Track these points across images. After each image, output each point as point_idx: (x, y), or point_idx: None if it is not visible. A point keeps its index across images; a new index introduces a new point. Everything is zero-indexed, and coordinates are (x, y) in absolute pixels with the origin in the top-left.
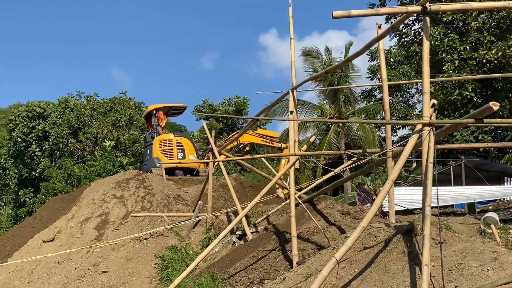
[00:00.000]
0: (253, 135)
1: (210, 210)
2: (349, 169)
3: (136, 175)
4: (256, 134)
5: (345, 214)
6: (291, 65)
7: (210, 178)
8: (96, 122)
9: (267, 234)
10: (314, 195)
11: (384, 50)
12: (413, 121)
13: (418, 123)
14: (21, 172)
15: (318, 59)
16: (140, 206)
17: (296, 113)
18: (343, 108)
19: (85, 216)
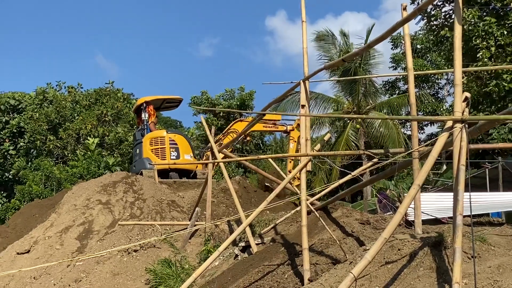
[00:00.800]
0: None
1: (209, 218)
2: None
3: (124, 177)
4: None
5: (364, 223)
6: (303, 52)
7: (209, 181)
8: (79, 116)
9: (275, 246)
10: (329, 201)
11: (409, 35)
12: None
13: (448, 119)
14: None
15: (333, 45)
16: (129, 213)
17: (308, 107)
18: (362, 101)
19: (66, 224)
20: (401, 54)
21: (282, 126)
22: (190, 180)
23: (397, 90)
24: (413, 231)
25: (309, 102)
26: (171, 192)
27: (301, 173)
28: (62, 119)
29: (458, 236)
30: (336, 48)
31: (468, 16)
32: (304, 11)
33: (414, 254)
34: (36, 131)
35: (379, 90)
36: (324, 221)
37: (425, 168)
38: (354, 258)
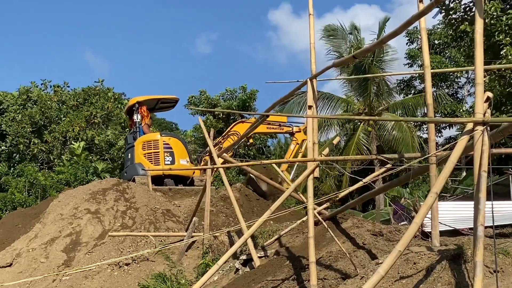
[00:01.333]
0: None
1: (208, 229)
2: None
3: (114, 184)
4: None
5: (376, 234)
6: (310, 48)
7: (208, 188)
8: (66, 118)
9: (279, 259)
10: (338, 210)
11: (426, 29)
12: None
13: (468, 121)
14: None
15: (343, 39)
16: (120, 224)
17: (316, 108)
18: (374, 101)
19: (51, 235)
20: (417, 50)
21: (288, 127)
22: (186, 187)
23: (413, 89)
24: (430, 243)
25: (316, 103)
26: (166, 200)
27: (308, 180)
28: (47, 121)
29: (479, 248)
30: (347, 43)
31: (490, 9)
32: (312, 3)
33: (431, 269)
34: (19, 134)
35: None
36: (333, 232)
37: (443, 175)
38: (365, 272)
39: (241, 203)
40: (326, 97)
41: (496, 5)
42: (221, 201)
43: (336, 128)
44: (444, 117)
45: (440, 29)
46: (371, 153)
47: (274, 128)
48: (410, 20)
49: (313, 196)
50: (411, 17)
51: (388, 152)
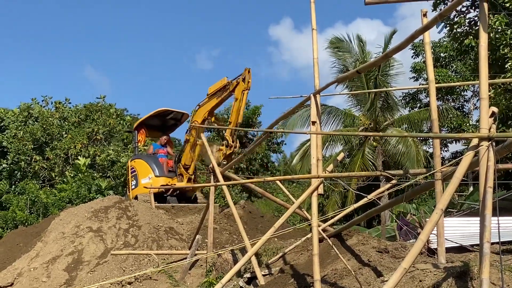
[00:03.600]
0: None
1: (211, 247)
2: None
3: (117, 202)
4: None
5: (382, 251)
6: (314, 63)
7: (211, 206)
8: (67, 134)
9: (283, 277)
10: (343, 227)
11: (431, 43)
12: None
13: (473, 136)
14: None
15: (349, 53)
16: (123, 242)
17: (319, 124)
18: (380, 116)
19: (53, 254)
20: (422, 63)
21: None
22: (190, 204)
23: (418, 103)
24: (436, 260)
25: (320, 118)
26: (169, 218)
27: (312, 197)
28: (49, 138)
29: (485, 265)
30: (352, 57)
31: (495, 23)
32: (315, 18)
33: (437, 286)
34: (20, 151)
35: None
36: (338, 249)
37: (449, 191)
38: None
39: (244, 220)
40: (331, 111)
41: (500, 19)
42: (224, 219)
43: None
44: (450, 131)
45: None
46: (377, 168)
47: (222, 95)
48: (414, 35)
49: (318, 213)
50: (415, 32)
51: (394, 167)
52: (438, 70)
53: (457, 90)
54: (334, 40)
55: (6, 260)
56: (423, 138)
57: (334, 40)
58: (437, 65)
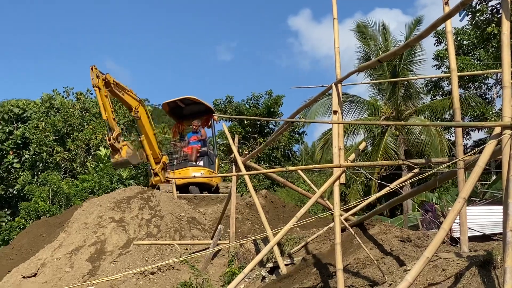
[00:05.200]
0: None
1: (234, 237)
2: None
3: (139, 192)
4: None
5: (404, 241)
6: (335, 52)
7: (233, 196)
8: (89, 125)
9: (306, 266)
10: (365, 217)
11: (453, 31)
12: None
13: (496, 125)
14: None
15: (373, 41)
16: (145, 232)
17: (341, 113)
18: (402, 105)
19: (76, 244)
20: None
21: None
22: (212, 194)
23: (441, 90)
24: (459, 249)
25: (342, 107)
26: (191, 208)
27: (334, 186)
28: (70, 129)
29: (509, 254)
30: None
31: None
32: (336, 7)
33: (460, 275)
34: (42, 142)
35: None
36: (360, 238)
37: (471, 180)
38: (393, 279)
39: (267, 209)
40: (352, 101)
41: None
42: (246, 208)
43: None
44: (473, 119)
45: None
46: (399, 157)
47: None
48: (436, 23)
49: (340, 202)
50: (436, 20)
51: (417, 156)
52: (461, 58)
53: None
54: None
55: (30, 250)
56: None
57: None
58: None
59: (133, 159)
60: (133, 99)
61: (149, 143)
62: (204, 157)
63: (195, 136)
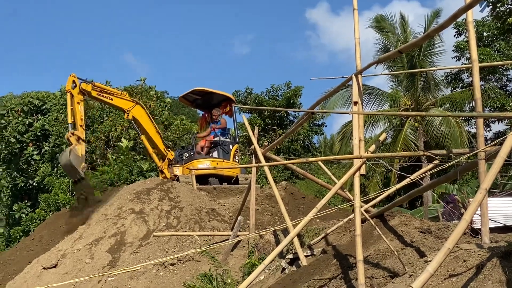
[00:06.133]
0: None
1: (253, 228)
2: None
3: (159, 184)
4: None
5: (425, 232)
6: (355, 43)
7: (253, 187)
8: (108, 117)
9: (326, 258)
10: (385, 208)
11: (474, 22)
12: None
13: None
14: (15, 181)
15: (392, 33)
16: (165, 223)
17: (361, 104)
18: (421, 96)
19: (96, 236)
20: (465, 42)
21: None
22: (231, 186)
23: (461, 82)
24: (480, 240)
25: (362, 98)
26: (211, 199)
27: (354, 177)
28: (89, 121)
29: None
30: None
31: None
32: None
33: (481, 266)
34: (61, 134)
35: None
36: (380, 230)
37: (493, 171)
38: (414, 270)
39: (286, 201)
40: (371, 92)
41: None
42: (266, 200)
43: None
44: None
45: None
46: (419, 149)
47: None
48: (457, 14)
49: (360, 194)
50: (457, 10)
51: (436, 148)
52: (481, 49)
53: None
54: (379, 18)
55: (50, 242)
56: (466, 118)
57: (379, 18)
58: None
59: (74, 161)
60: (126, 102)
61: (151, 141)
62: (217, 147)
63: (214, 126)
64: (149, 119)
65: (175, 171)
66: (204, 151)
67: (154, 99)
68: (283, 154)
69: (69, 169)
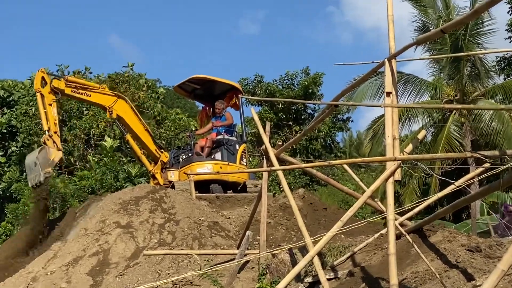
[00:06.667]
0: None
1: (264, 246)
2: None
3: (150, 192)
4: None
5: (473, 250)
6: (388, 21)
7: (264, 196)
8: (88, 111)
9: (352, 281)
10: (425, 221)
11: None
12: None
13: None
14: None
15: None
16: (157, 240)
17: (395, 95)
18: (468, 85)
19: (74, 255)
20: None
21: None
22: (238, 194)
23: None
24: None
25: (396, 88)
26: (213, 210)
27: (387, 184)
28: (66, 115)
29: None
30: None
31: None
32: None
33: None
34: (32, 131)
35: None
36: (419, 247)
37: None
38: None
39: (304, 213)
40: (408, 80)
41: None
42: (280, 211)
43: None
44: None
45: None
46: (465, 149)
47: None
48: None
49: (394, 204)
50: None
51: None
52: None
53: None
54: None
55: (18, 261)
56: None
57: None
58: None
59: (41, 160)
60: (106, 97)
61: (139, 141)
62: (221, 147)
63: (218, 122)
64: (134, 115)
65: (169, 176)
66: (205, 152)
67: (144, 89)
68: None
69: (31, 169)
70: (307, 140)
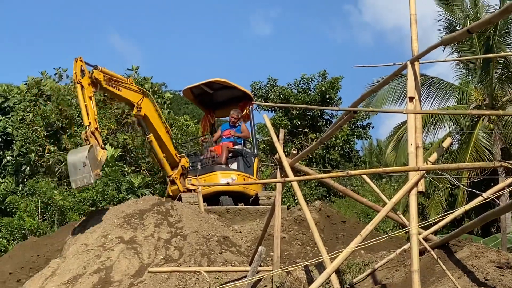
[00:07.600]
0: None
1: (278, 262)
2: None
3: (155, 204)
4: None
5: (502, 267)
6: (411, 21)
7: (278, 208)
8: None
9: None
10: (451, 236)
11: None
12: None
13: None
14: None
15: (459, 6)
16: (163, 256)
17: (419, 100)
18: (498, 90)
19: (74, 272)
20: None
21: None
22: (249, 207)
23: None
24: None
25: (420, 92)
26: (223, 224)
27: (410, 196)
28: (66, 122)
29: None
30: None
31: None
32: None
33: None
34: (29, 140)
35: None
36: (445, 264)
37: None
38: None
39: (321, 226)
40: (432, 83)
41: None
42: (295, 225)
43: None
44: None
45: None
46: (494, 158)
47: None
48: None
49: (418, 217)
50: None
51: None
52: None
53: None
54: None
55: (14, 280)
56: None
57: None
58: None
59: (91, 160)
60: (134, 93)
61: (161, 143)
62: (238, 157)
63: (231, 131)
64: (157, 115)
65: (187, 183)
66: (223, 161)
67: (150, 94)
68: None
69: (78, 169)
70: (324, 149)
